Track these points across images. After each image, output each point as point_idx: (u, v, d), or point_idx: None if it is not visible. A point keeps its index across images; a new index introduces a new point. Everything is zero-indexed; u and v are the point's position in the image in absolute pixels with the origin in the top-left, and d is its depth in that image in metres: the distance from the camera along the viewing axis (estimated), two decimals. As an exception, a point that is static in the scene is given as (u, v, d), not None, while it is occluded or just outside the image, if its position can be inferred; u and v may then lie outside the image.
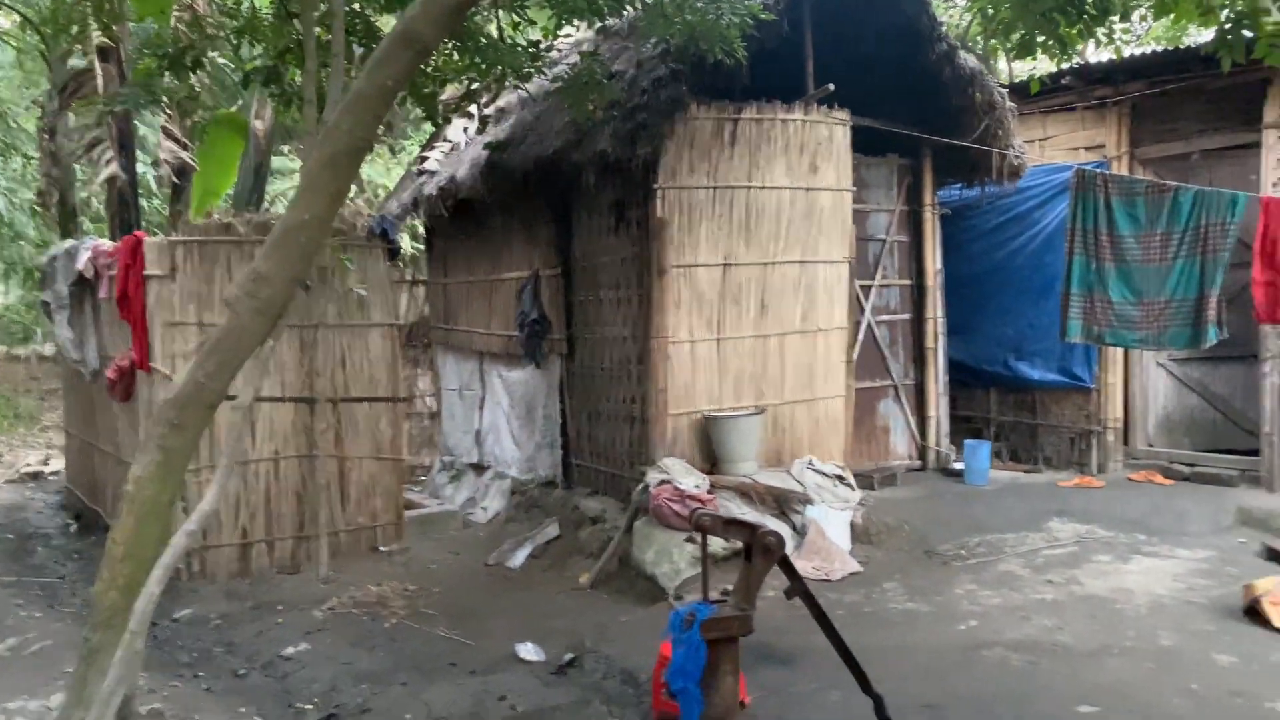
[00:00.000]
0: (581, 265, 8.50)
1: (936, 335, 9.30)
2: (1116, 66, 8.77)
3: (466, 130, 10.17)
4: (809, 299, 8.13)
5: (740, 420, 7.66)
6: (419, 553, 8.12)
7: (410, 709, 4.96)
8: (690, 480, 7.09)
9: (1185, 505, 7.70)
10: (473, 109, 9.10)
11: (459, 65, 6.70)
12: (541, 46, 6.65)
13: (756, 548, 3.72)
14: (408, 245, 13.58)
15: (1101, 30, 5.24)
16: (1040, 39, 5.05)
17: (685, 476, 7.14)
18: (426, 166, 10.28)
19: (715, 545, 5.74)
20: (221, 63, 12.87)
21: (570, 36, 9.39)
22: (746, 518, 5.26)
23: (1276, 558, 6.44)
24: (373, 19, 6.50)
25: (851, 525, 7.36)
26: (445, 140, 10.49)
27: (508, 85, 7.12)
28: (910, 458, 9.23)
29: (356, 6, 6.24)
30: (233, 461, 4.08)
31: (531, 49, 6.55)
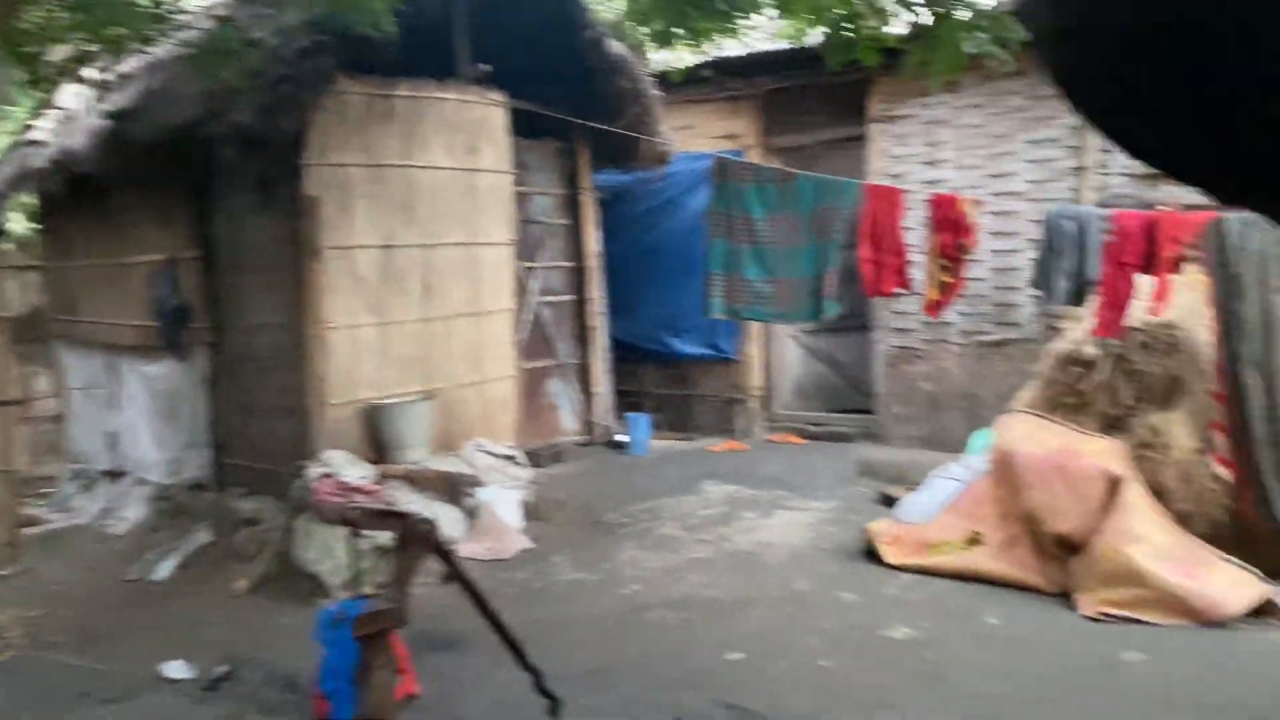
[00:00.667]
0: (226, 247, 7.87)
1: (598, 315, 9.63)
2: (749, 61, 9.50)
3: (84, 98, 9.03)
4: (474, 281, 8.09)
5: (407, 406, 7.49)
6: (45, 574, 7.20)
7: (30, 752, 4.40)
8: (355, 472, 6.83)
9: (816, 461, 8.55)
10: (89, 73, 8.09)
11: (66, 25, 5.93)
12: (163, 7, 6.04)
13: (409, 537, 3.65)
14: (20, 226, 11.88)
15: (728, 26, 5.62)
16: (675, 30, 5.34)
17: (350, 468, 6.87)
18: (35, 136, 9.02)
19: (386, 536, 5.57)
20: None
21: (204, -1, 8.62)
22: (401, 507, 5.15)
23: (889, 502, 7.34)
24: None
25: (524, 504, 7.47)
26: (59, 108, 9.25)
27: (128, 48, 6.41)
28: (578, 434, 9.51)
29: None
30: None
31: (153, 8, 5.93)
